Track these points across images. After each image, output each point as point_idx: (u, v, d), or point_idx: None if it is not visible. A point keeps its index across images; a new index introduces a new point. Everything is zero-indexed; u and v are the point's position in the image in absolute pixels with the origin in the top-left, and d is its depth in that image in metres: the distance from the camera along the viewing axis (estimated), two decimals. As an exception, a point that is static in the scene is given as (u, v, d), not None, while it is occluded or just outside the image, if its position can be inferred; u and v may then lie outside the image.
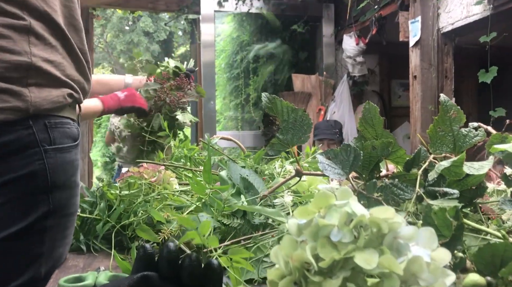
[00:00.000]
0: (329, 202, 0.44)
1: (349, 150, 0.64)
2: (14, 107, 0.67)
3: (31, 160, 0.69)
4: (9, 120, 0.67)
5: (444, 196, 0.65)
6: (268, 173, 1.17)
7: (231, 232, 0.87)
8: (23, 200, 0.69)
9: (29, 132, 0.69)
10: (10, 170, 0.68)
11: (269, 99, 0.69)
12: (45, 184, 0.71)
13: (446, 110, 0.74)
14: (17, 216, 0.69)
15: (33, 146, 0.70)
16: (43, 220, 0.72)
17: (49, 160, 0.71)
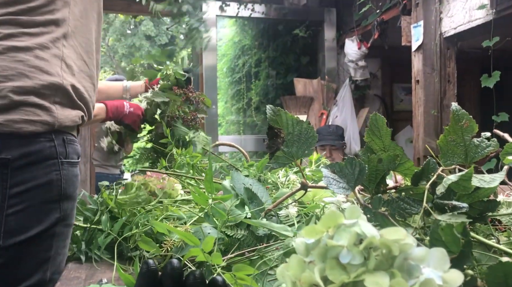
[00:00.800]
0: (337, 221, 0.43)
1: (354, 163, 0.63)
2: (44, 121, 0.76)
3: (50, 170, 0.77)
4: (37, 132, 0.75)
5: (453, 210, 0.64)
6: (271, 181, 1.16)
7: (235, 243, 0.86)
8: (40, 207, 0.76)
9: (51, 145, 0.77)
10: (32, 178, 0.75)
11: (273, 112, 0.68)
12: (59, 193, 0.79)
13: (458, 120, 0.73)
14: (34, 221, 0.76)
15: (53, 158, 0.77)
16: (54, 226, 0.79)
17: (63, 171, 0.79)
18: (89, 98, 0.85)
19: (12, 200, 0.72)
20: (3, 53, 0.74)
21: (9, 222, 0.72)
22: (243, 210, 0.86)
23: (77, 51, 0.83)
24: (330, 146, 3.45)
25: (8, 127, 0.72)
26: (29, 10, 0.77)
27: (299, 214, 0.86)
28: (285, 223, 0.85)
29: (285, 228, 0.64)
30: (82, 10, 0.85)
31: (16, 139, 0.73)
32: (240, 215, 0.81)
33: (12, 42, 0.75)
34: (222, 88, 5.18)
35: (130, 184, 1.09)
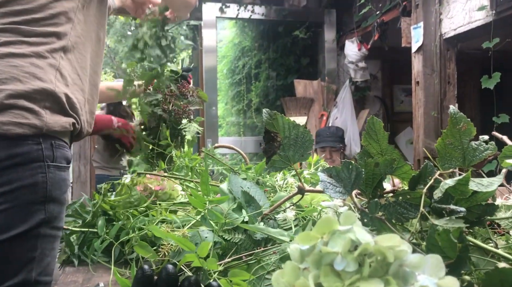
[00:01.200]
0: (332, 228, 0.42)
1: (351, 167, 0.62)
2: (32, 124, 0.78)
3: (36, 172, 0.79)
4: (25, 135, 0.77)
5: (451, 214, 0.63)
6: (269, 184, 1.16)
7: (232, 247, 0.86)
8: (25, 207, 0.78)
9: (38, 148, 0.79)
10: (18, 179, 0.77)
11: (270, 115, 0.68)
12: (44, 195, 0.80)
13: (456, 123, 0.73)
14: (18, 221, 0.77)
15: (39, 160, 0.79)
16: (38, 227, 0.80)
17: (49, 174, 0.81)
18: (80, 110, 0.88)
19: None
20: (3, 60, 0.78)
21: None
22: (240, 213, 0.85)
23: (73, 65, 0.86)
24: (330, 148, 3.45)
25: None
26: (32, 21, 0.81)
27: (296, 218, 0.86)
28: (282, 226, 0.84)
29: (281, 233, 0.63)
30: (84, 29, 0.89)
31: (4, 141, 0.75)
32: (238, 219, 0.80)
33: (9, 49, 0.79)
34: (222, 89, 5.18)
35: (122, 184, 1.09)
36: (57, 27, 0.84)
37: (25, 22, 0.81)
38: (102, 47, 0.98)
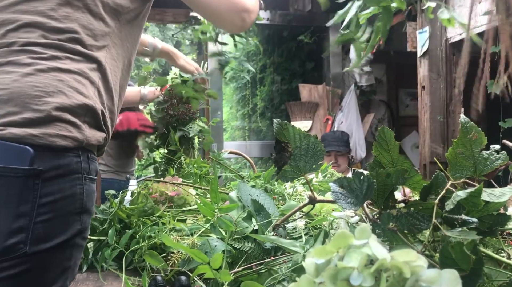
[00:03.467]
0: (348, 242, 0.42)
1: (363, 178, 0.62)
2: (74, 137, 0.81)
3: (74, 184, 0.82)
4: (68, 147, 0.80)
5: (463, 225, 0.63)
6: (278, 191, 1.16)
7: (242, 256, 0.86)
8: (65, 218, 0.82)
9: (77, 160, 0.83)
10: (59, 190, 0.80)
11: (280, 125, 0.68)
12: (80, 206, 0.84)
13: (466, 132, 0.73)
14: (58, 231, 0.81)
15: (78, 172, 0.83)
16: (74, 237, 0.84)
17: (85, 186, 0.84)
18: (110, 128, 0.93)
19: (41, 209, 0.77)
20: (46, 71, 0.81)
21: (36, 230, 0.77)
22: (250, 222, 0.86)
23: (106, 85, 0.91)
24: (336, 152, 3.43)
25: (42, 139, 0.78)
26: (74, 40, 0.86)
27: (306, 226, 0.86)
28: (292, 235, 0.85)
29: (293, 244, 0.64)
30: (119, 53, 0.94)
31: (49, 152, 0.78)
32: (247, 228, 0.81)
33: (55, 63, 0.83)
34: (227, 94, 5.18)
35: (138, 192, 1.10)
36: (93, 51, 0.88)
37: (69, 40, 0.85)
38: (130, 72, 1.03)
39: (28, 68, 0.81)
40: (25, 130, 0.77)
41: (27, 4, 0.85)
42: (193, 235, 0.95)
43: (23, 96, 0.79)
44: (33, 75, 0.81)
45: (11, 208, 0.75)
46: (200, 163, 1.40)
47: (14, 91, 0.79)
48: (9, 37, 0.84)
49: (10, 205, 0.76)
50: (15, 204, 0.76)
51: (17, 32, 0.84)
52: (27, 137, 0.77)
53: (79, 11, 0.87)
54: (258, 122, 4.75)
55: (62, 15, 0.86)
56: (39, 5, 0.85)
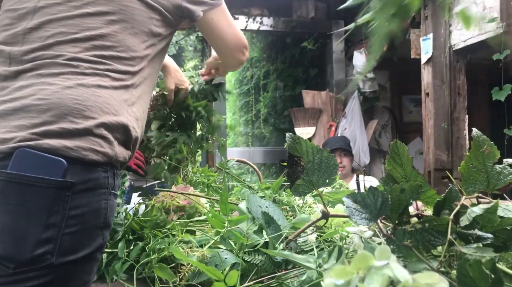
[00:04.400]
0: (368, 263, 0.42)
1: (377, 193, 0.62)
2: (106, 152, 0.83)
3: (101, 198, 0.84)
4: (98, 162, 0.82)
5: (478, 240, 0.63)
6: (286, 201, 1.15)
7: (253, 268, 0.85)
8: (89, 231, 0.83)
9: (105, 175, 0.84)
10: (87, 203, 0.82)
11: (293, 140, 0.68)
12: (104, 221, 0.85)
13: (479, 146, 0.73)
14: (83, 244, 0.82)
15: (104, 187, 0.84)
16: (96, 251, 0.85)
17: (109, 201, 0.86)
18: (135, 147, 0.95)
19: (69, 221, 0.78)
20: (87, 86, 0.84)
21: (64, 242, 0.78)
22: (261, 235, 0.85)
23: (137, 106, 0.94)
24: (341, 151, 3.40)
25: (76, 152, 0.79)
26: (116, 58, 0.89)
27: (317, 239, 0.86)
28: (304, 248, 0.84)
29: (307, 259, 0.63)
30: (150, 73, 0.98)
31: (80, 165, 0.80)
32: (258, 241, 0.80)
33: (96, 80, 0.86)
34: (230, 100, 5.19)
35: (152, 205, 1.10)
36: (133, 68, 0.92)
37: (110, 58, 0.88)
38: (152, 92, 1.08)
39: (69, 81, 0.83)
40: (61, 142, 0.79)
41: (80, 19, 0.89)
42: (203, 246, 0.95)
43: (62, 107, 0.81)
44: (73, 89, 0.83)
45: (41, 218, 0.77)
46: (208, 172, 1.39)
47: (54, 102, 0.81)
48: (56, 49, 0.86)
49: (41, 215, 0.77)
50: (46, 215, 0.77)
51: (65, 45, 0.86)
52: (62, 149, 0.79)
53: (125, 32, 0.91)
54: (261, 128, 4.75)
55: (110, 34, 0.89)
56: (90, 22, 0.89)
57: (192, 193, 1.18)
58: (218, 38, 1.13)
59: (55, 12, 0.89)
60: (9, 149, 0.78)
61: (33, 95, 0.82)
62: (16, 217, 0.76)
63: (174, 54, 4.48)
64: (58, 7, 0.90)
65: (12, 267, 0.76)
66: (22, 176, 0.76)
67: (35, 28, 0.88)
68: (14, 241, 0.76)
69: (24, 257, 0.75)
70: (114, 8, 0.91)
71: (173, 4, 0.99)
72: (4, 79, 0.85)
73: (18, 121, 0.80)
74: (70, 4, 0.90)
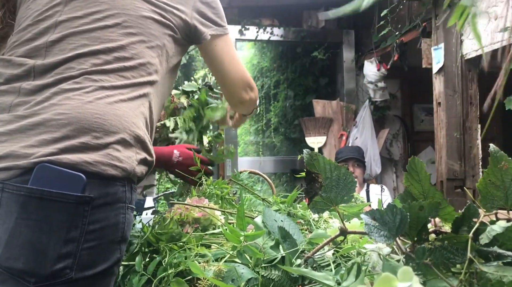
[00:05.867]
0: (391, 285, 0.43)
1: (395, 211, 0.62)
2: (124, 167, 0.84)
3: (119, 213, 0.84)
4: (117, 177, 0.83)
5: (498, 258, 0.63)
6: (301, 215, 1.16)
7: (269, 283, 0.86)
8: (108, 246, 0.83)
9: (123, 190, 0.85)
10: (105, 217, 0.82)
11: (311, 156, 0.68)
12: (121, 235, 0.85)
13: (496, 162, 0.73)
14: (101, 259, 0.82)
15: (122, 201, 0.85)
16: (114, 266, 0.85)
17: (127, 215, 0.86)
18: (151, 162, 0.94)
19: (88, 235, 0.79)
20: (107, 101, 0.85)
21: (82, 256, 0.78)
22: (277, 250, 0.86)
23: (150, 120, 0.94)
24: (354, 161, 3.39)
25: (95, 167, 0.80)
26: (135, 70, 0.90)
27: (333, 254, 0.86)
28: (320, 263, 0.84)
29: (326, 277, 0.64)
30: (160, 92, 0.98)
31: (99, 180, 0.80)
32: (276, 256, 0.81)
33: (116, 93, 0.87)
34: (241, 108, 5.19)
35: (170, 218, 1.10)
36: (150, 77, 0.93)
37: (130, 69, 0.89)
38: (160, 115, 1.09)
39: (90, 96, 0.84)
40: (80, 157, 0.79)
41: (101, 32, 0.90)
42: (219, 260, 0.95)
43: (83, 121, 0.82)
44: (93, 103, 0.84)
45: (61, 233, 0.77)
46: (221, 184, 1.40)
47: (74, 117, 0.82)
48: (79, 62, 0.87)
49: (60, 230, 0.77)
50: (65, 229, 0.77)
51: (88, 57, 0.88)
52: (81, 164, 0.79)
53: (143, 45, 0.92)
54: (271, 137, 4.75)
55: (129, 45, 0.91)
56: (110, 34, 0.90)
57: (207, 205, 1.18)
58: (220, 67, 1.12)
59: (76, 25, 0.91)
60: (30, 164, 0.79)
61: (53, 110, 0.83)
62: (37, 231, 0.77)
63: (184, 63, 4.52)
64: (79, 20, 0.91)
65: (32, 281, 0.76)
66: (43, 191, 0.77)
67: (57, 41, 0.90)
68: (35, 256, 0.77)
69: (45, 272, 0.76)
70: (132, 23, 0.93)
71: (184, 21, 1.01)
72: (28, 93, 0.86)
73: (38, 137, 0.81)
74: (91, 17, 0.91)
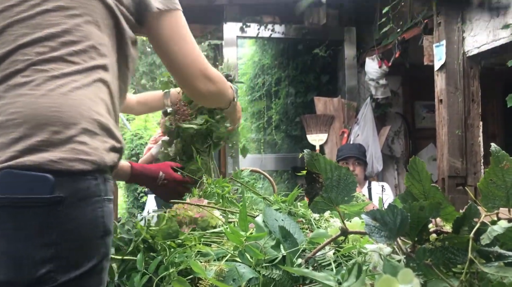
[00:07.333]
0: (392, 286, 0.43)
1: (396, 211, 0.62)
2: (92, 160, 0.79)
3: (95, 207, 0.80)
4: (85, 171, 0.78)
5: (499, 259, 0.62)
6: (301, 213, 1.16)
7: (270, 283, 0.86)
8: (91, 243, 0.80)
9: (96, 183, 0.80)
10: (82, 214, 0.78)
11: (311, 156, 0.68)
12: (103, 229, 0.82)
13: (498, 161, 0.72)
14: (87, 256, 0.78)
15: (97, 195, 0.80)
16: (102, 261, 0.82)
17: (105, 208, 0.82)
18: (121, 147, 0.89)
19: (67, 235, 0.76)
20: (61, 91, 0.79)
21: (65, 258, 0.75)
22: (278, 249, 0.86)
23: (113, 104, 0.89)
24: (354, 159, 3.39)
25: (61, 165, 0.76)
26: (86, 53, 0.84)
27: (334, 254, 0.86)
28: (321, 262, 0.84)
29: (327, 277, 0.64)
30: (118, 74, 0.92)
31: (68, 177, 0.76)
32: (276, 256, 0.81)
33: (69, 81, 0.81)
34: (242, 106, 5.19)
35: (163, 216, 1.10)
36: (104, 60, 0.87)
37: (81, 53, 0.83)
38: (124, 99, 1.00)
39: (41, 89, 0.79)
40: (43, 156, 0.75)
41: (41, 18, 0.83)
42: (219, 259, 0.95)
43: (39, 117, 0.77)
44: (46, 96, 0.78)
45: (37, 238, 0.74)
46: (222, 183, 1.40)
47: (28, 114, 0.77)
48: (23, 53, 0.81)
49: (37, 235, 0.74)
50: (41, 234, 0.74)
51: (32, 47, 0.81)
52: (46, 164, 0.75)
53: (89, 25, 0.85)
54: (273, 135, 4.75)
55: (74, 28, 0.84)
56: (52, 18, 0.83)
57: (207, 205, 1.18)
58: (166, 48, 0.99)
59: (13, 14, 0.83)
60: None
61: (5, 110, 0.78)
62: (13, 240, 0.74)
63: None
64: (15, 8, 0.84)
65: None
66: (11, 198, 0.74)
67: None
68: (15, 265, 0.74)
69: (28, 280, 0.73)
70: (75, 3, 0.85)
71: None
72: None
73: None
74: (28, 3, 0.84)
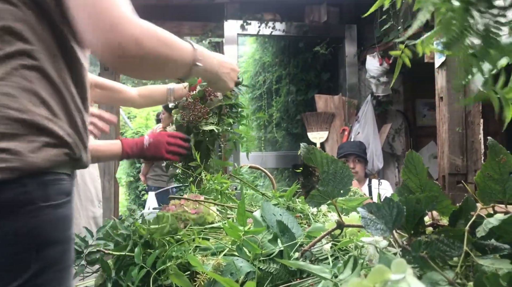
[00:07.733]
0: (384, 277, 0.43)
1: (392, 204, 0.62)
2: (13, 167, 0.68)
3: (25, 218, 0.69)
4: (7, 180, 0.67)
5: (494, 251, 0.63)
6: (300, 209, 1.16)
7: (267, 277, 0.86)
8: (14, 259, 0.69)
9: (24, 190, 0.69)
10: (5, 227, 0.68)
11: (308, 150, 0.68)
12: (38, 241, 0.71)
13: (495, 155, 0.72)
14: (7, 277, 0.68)
15: (29, 204, 0.69)
16: (35, 278, 0.70)
17: (44, 217, 0.71)
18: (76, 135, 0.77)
19: None
20: None
21: None
22: (275, 243, 0.86)
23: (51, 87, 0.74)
24: (354, 157, 3.39)
25: None
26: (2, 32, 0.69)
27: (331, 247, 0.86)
28: (318, 256, 0.85)
29: (322, 270, 0.64)
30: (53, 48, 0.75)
31: None
32: (273, 250, 0.81)
33: None
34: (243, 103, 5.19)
35: (162, 214, 1.11)
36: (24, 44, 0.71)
37: None
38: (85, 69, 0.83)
39: None
40: None
41: None
42: (217, 254, 0.95)
43: None
44: None
45: None
46: (221, 179, 1.40)
47: None
48: None
49: None
50: None
51: None
52: None
53: None
54: (273, 133, 4.75)
55: None
56: None
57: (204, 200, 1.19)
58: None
59: None
60: None
61: None
62: None
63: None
64: None
65: None
66: None
67: None
68: None
69: None
70: None
71: None
72: None
73: None
74: None
